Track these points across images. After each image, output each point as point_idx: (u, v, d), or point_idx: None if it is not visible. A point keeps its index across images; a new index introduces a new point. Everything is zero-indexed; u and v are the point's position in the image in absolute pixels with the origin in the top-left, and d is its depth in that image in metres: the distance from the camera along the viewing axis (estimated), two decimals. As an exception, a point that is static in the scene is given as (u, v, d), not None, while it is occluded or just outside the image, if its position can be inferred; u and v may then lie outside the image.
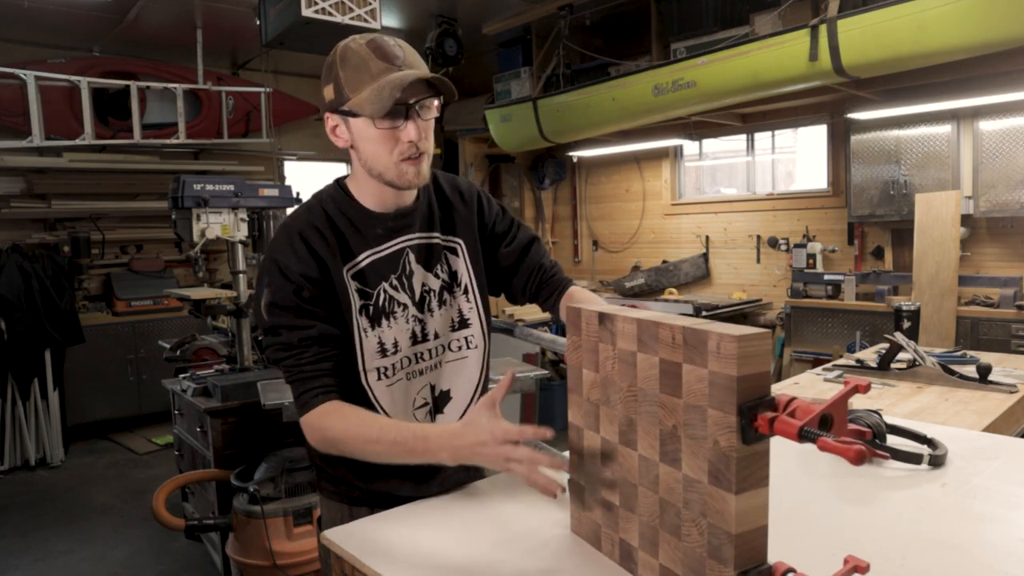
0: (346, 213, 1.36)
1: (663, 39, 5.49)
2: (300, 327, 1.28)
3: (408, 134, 1.26)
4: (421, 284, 1.40)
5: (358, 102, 1.25)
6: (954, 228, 4.77)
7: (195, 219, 3.39)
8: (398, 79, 1.22)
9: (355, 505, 1.44)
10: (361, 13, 3.84)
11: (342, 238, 1.34)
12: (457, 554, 1.15)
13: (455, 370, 1.46)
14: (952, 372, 2.37)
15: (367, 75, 1.23)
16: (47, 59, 5.69)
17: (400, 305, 1.37)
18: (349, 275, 1.33)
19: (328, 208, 1.36)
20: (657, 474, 0.97)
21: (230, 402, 3.12)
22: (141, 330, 5.90)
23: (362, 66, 1.24)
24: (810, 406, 0.81)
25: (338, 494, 1.47)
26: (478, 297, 1.48)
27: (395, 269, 1.38)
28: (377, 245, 1.37)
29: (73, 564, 3.56)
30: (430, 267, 1.42)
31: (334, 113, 1.30)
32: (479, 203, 1.51)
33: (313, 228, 1.32)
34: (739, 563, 0.84)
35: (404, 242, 1.39)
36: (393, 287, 1.37)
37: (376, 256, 1.36)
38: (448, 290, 1.44)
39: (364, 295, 1.34)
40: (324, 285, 1.31)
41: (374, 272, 1.36)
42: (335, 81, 1.27)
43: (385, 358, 1.36)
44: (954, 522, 1.19)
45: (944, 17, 3.54)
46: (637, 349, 1.00)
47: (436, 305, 1.42)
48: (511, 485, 1.43)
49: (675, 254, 6.97)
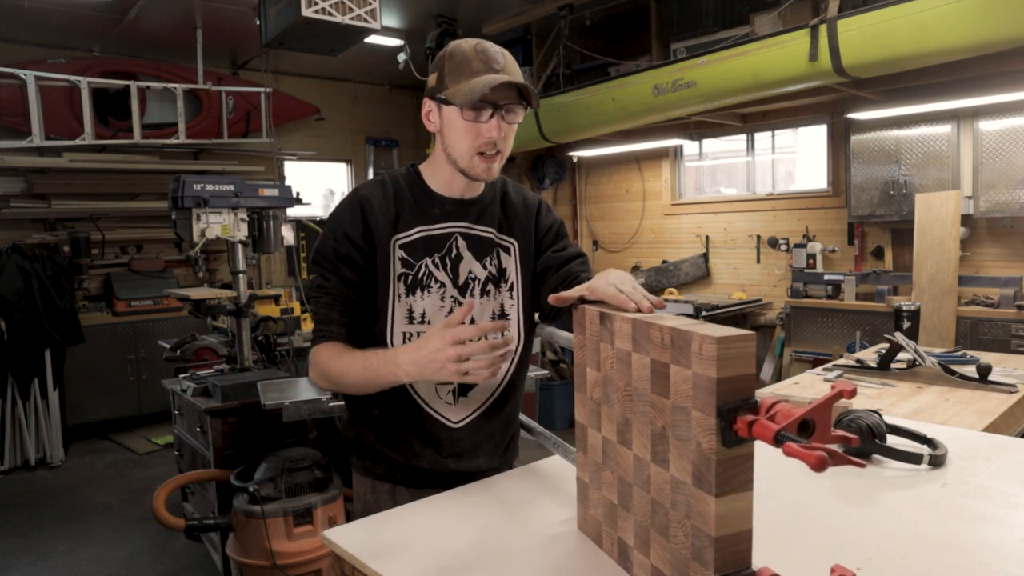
0: (411, 190, 1.49)
1: (663, 39, 5.50)
2: (325, 276, 1.44)
3: (489, 130, 1.37)
4: (468, 271, 1.49)
5: (453, 92, 1.37)
6: (954, 228, 4.77)
7: (195, 219, 3.39)
8: (492, 79, 1.33)
9: (378, 479, 1.53)
10: (361, 13, 3.84)
11: (402, 209, 1.47)
12: (457, 554, 1.15)
13: None
14: (952, 372, 2.36)
15: (467, 71, 1.36)
16: (47, 59, 5.69)
17: (437, 282, 1.47)
18: (397, 244, 1.45)
19: (397, 183, 1.50)
20: (649, 474, 0.98)
21: (230, 402, 3.11)
22: (141, 330, 5.90)
23: (465, 63, 1.36)
24: (792, 410, 0.80)
25: (364, 468, 1.56)
26: (521, 296, 1.54)
27: (440, 249, 1.47)
28: (431, 223, 1.47)
29: (73, 564, 3.56)
30: (480, 258, 1.50)
31: (431, 99, 1.42)
32: (539, 210, 1.60)
33: (377, 195, 1.47)
34: (720, 566, 0.84)
35: (454, 227, 1.49)
36: (435, 264, 1.47)
37: (426, 233, 1.47)
38: (494, 283, 1.51)
39: (407, 264, 1.45)
40: (363, 249, 1.43)
41: (422, 246, 1.46)
42: (439, 71, 1.40)
43: (411, 325, 1.45)
44: (954, 522, 1.19)
45: (944, 17, 3.54)
46: (632, 349, 1.00)
47: (478, 293, 1.49)
48: (514, 483, 1.43)
49: (675, 254, 6.97)
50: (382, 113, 7.94)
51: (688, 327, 0.88)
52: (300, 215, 6.67)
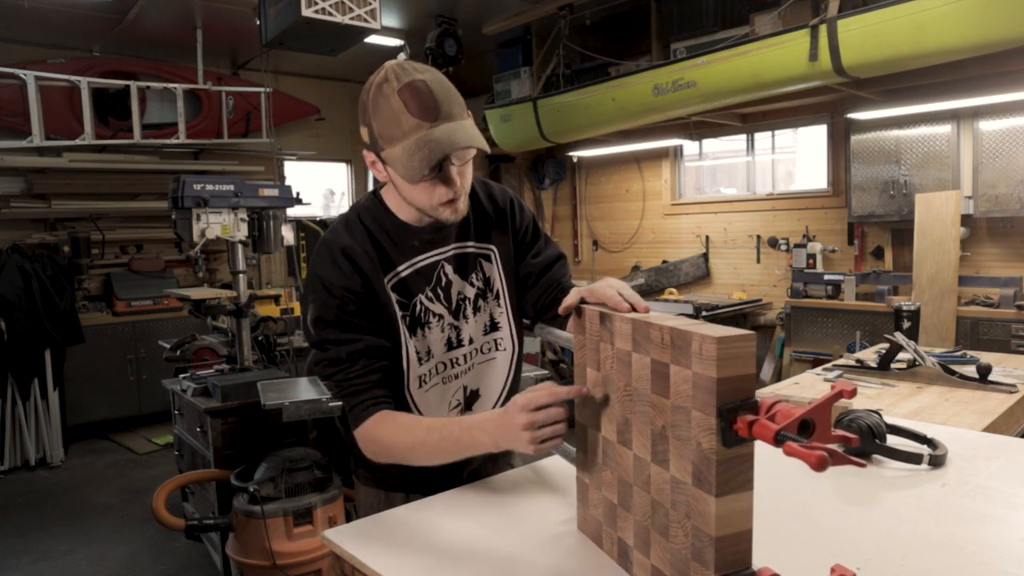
0: (384, 226, 1.37)
1: (663, 39, 5.49)
2: (347, 341, 1.31)
3: (445, 191, 1.26)
4: (457, 293, 1.43)
5: (391, 157, 1.24)
6: (954, 228, 4.77)
7: (195, 219, 3.39)
8: (430, 155, 1.19)
9: (391, 490, 1.48)
10: (361, 13, 3.83)
11: (382, 251, 1.36)
12: (457, 553, 1.15)
13: (484, 371, 1.49)
14: (952, 372, 2.36)
15: (398, 131, 1.21)
16: (47, 59, 5.69)
17: (435, 316, 1.40)
18: (389, 287, 1.36)
19: (367, 222, 1.37)
20: (649, 474, 0.98)
21: (230, 402, 3.12)
22: (141, 330, 5.90)
23: (393, 119, 1.21)
24: (792, 410, 0.80)
25: (374, 480, 1.51)
26: (508, 302, 1.49)
27: (430, 281, 1.40)
28: (413, 257, 1.38)
29: (73, 564, 3.56)
30: (466, 276, 1.44)
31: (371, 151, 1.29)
32: (511, 210, 1.50)
33: (354, 243, 1.34)
34: (720, 567, 0.84)
35: (440, 255, 1.41)
36: (429, 298, 1.39)
37: (413, 268, 1.38)
38: (482, 297, 1.46)
39: (403, 305, 1.37)
40: (368, 298, 1.33)
41: (412, 284, 1.38)
42: (368, 127, 1.26)
43: (421, 366, 1.39)
44: (954, 522, 1.19)
45: (944, 17, 3.54)
46: (632, 349, 1.00)
47: (471, 312, 1.44)
48: (514, 483, 1.43)
49: (675, 254, 6.97)
50: (382, 113, 7.93)
51: (688, 327, 0.88)
52: (300, 215, 6.67)
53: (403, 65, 1.24)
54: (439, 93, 1.21)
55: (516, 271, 1.51)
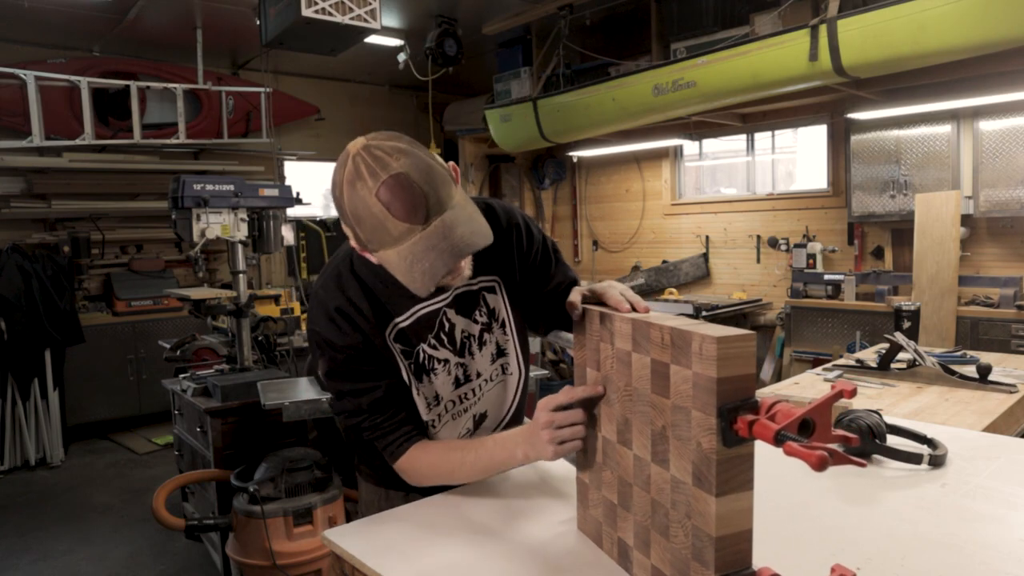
0: (379, 275, 1.27)
1: (663, 39, 5.49)
2: (365, 391, 1.31)
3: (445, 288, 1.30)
4: (462, 332, 1.39)
5: (385, 259, 1.12)
6: (954, 228, 4.77)
7: (195, 219, 3.39)
8: (429, 265, 1.08)
9: (392, 489, 1.48)
10: (361, 13, 3.83)
11: (378, 305, 1.31)
12: (457, 553, 1.15)
13: (492, 396, 1.49)
14: (952, 372, 2.36)
15: (388, 236, 1.09)
16: (47, 59, 5.69)
17: (440, 361, 1.38)
18: (391, 338, 1.33)
19: (361, 273, 1.31)
20: (649, 474, 0.98)
21: (230, 402, 3.12)
22: (141, 330, 5.90)
23: (379, 227, 1.08)
24: (792, 410, 0.81)
25: (375, 478, 1.52)
26: (514, 330, 1.46)
27: (432, 328, 1.35)
28: (414, 306, 1.33)
29: (73, 564, 3.56)
30: (468, 314, 1.39)
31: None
32: (517, 234, 1.41)
33: (348, 301, 1.29)
34: (720, 566, 0.84)
35: (440, 302, 1.35)
36: (432, 346, 1.36)
37: (413, 317, 1.33)
38: (487, 330, 1.43)
39: (406, 354, 1.35)
40: (373, 351, 1.31)
41: (413, 333, 1.34)
42: (352, 230, 1.14)
43: (430, 411, 1.39)
44: (954, 522, 1.19)
45: (944, 17, 3.54)
46: (632, 349, 1.00)
47: (477, 348, 1.41)
48: (514, 483, 1.43)
49: (675, 254, 6.97)
50: (382, 113, 7.93)
51: (688, 327, 0.88)
52: (300, 215, 6.67)
53: (371, 152, 1.08)
54: (421, 183, 1.07)
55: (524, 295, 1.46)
